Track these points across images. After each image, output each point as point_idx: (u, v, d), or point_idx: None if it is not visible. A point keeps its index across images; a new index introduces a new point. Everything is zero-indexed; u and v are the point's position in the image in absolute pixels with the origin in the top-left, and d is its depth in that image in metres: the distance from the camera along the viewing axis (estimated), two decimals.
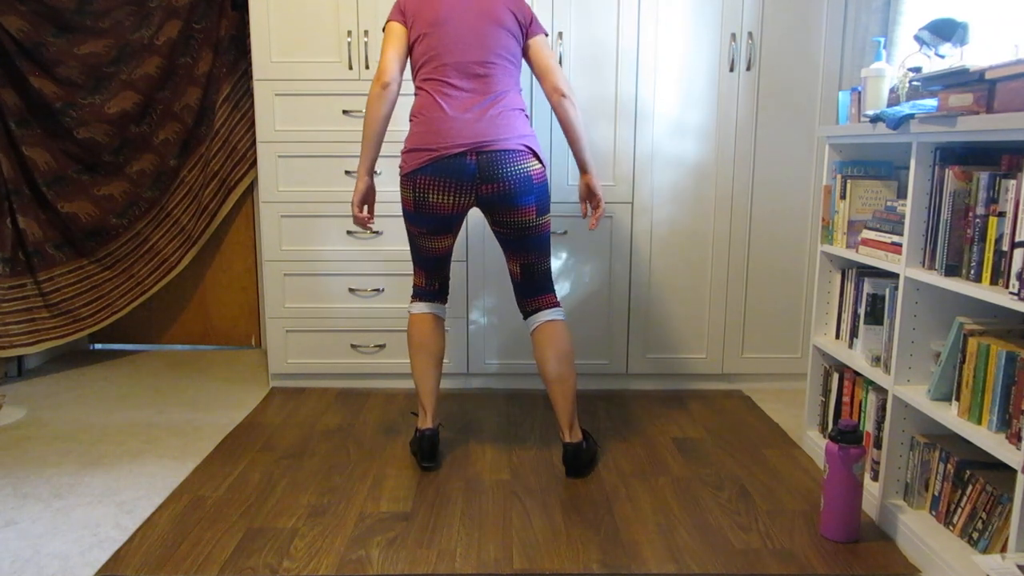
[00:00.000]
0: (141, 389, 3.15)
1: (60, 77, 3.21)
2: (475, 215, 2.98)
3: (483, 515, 2.08)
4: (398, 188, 2.97)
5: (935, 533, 1.86)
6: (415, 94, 2.25)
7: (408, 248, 3.00)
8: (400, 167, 2.24)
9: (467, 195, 2.19)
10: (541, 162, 2.23)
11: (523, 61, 2.30)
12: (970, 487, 1.80)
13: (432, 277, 2.40)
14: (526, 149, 2.19)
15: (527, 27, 2.25)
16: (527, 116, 2.27)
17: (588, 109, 2.94)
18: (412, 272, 2.48)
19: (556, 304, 2.33)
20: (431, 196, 2.19)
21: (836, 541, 1.94)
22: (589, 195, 2.34)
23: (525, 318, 2.35)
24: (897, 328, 1.95)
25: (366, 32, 2.87)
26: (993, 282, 1.64)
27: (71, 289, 3.37)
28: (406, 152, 2.21)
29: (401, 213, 2.98)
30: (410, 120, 2.24)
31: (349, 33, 2.88)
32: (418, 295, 2.41)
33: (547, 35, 2.32)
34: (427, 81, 2.20)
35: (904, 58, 2.34)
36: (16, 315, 3.20)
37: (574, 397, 2.30)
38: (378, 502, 2.14)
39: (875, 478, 2.13)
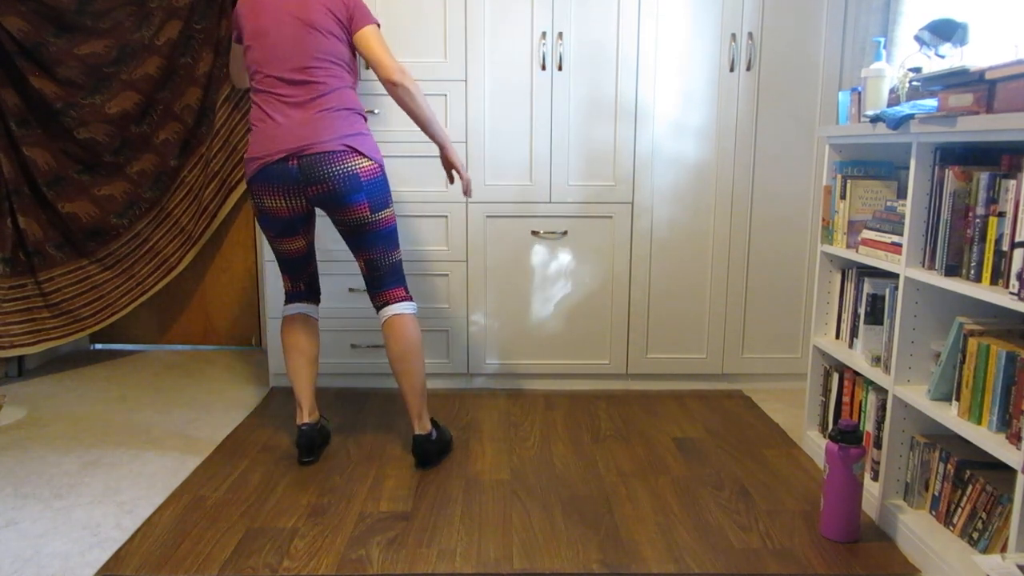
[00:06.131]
0: (141, 389, 3.15)
1: (60, 77, 3.21)
2: (475, 221, 2.98)
3: (483, 515, 2.08)
4: (399, 187, 2.98)
5: (935, 533, 1.86)
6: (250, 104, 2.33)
7: (405, 245, 3.02)
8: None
9: (297, 198, 2.25)
10: (371, 159, 2.25)
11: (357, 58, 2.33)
12: (970, 487, 1.80)
13: (295, 279, 2.46)
14: (348, 148, 2.21)
15: (348, 23, 2.25)
16: (359, 114, 2.29)
17: (588, 109, 2.94)
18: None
19: (405, 298, 2.37)
20: (266, 201, 2.27)
21: (836, 541, 1.94)
22: (449, 166, 2.40)
23: (377, 312, 2.38)
24: (897, 328, 1.95)
25: None
26: (993, 282, 1.64)
27: (72, 289, 3.37)
28: (246, 162, 2.29)
29: (395, 209, 2.99)
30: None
31: None
32: (287, 298, 2.48)
33: (377, 24, 2.27)
34: (255, 92, 2.28)
35: (904, 58, 2.34)
36: (17, 315, 3.20)
37: (422, 390, 2.34)
38: (378, 502, 2.14)
39: (875, 478, 2.13)
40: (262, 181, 2.25)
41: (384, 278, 2.35)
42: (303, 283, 2.48)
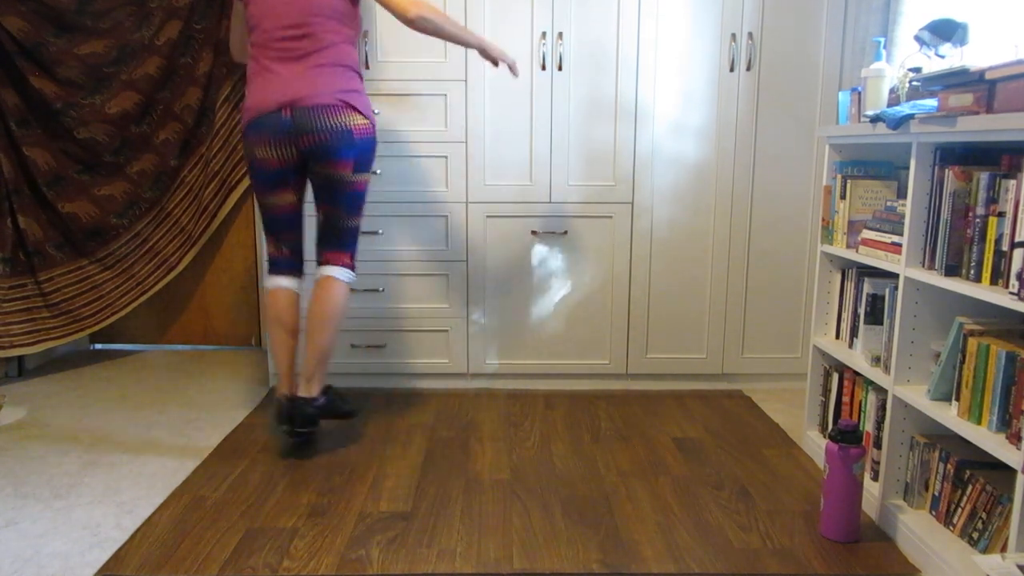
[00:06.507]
0: (141, 389, 3.15)
1: (60, 77, 3.21)
2: (475, 220, 2.98)
3: (483, 515, 2.08)
4: (399, 187, 2.98)
5: (935, 533, 1.86)
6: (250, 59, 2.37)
7: (405, 245, 3.02)
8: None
9: (288, 148, 2.29)
10: (366, 116, 2.28)
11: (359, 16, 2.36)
12: (970, 487, 1.80)
13: (280, 240, 2.46)
14: (342, 103, 2.25)
15: None
16: (355, 71, 2.32)
17: (588, 109, 2.94)
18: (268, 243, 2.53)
19: (348, 265, 2.40)
20: (258, 151, 2.31)
21: (836, 541, 1.94)
22: (493, 58, 2.40)
23: (317, 267, 2.41)
24: (897, 328, 1.95)
25: (365, 33, 2.87)
26: (993, 282, 1.64)
27: (71, 289, 3.37)
28: (242, 112, 2.34)
29: (396, 209, 2.99)
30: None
31: None
32: (272, 265, 2.48)
33: None
34: (253, 46, 2.32)
35: (904, 58, 2.34)
36: (17, 315, 3.20)
37: (324, 356, 2.37)
38: (378, 502, 2.14)
39: (875, 478, 2.14)
40: (256, 131, 2.29)
41: (338, 237, 2.38)
42: (288, 247, 2.47)
